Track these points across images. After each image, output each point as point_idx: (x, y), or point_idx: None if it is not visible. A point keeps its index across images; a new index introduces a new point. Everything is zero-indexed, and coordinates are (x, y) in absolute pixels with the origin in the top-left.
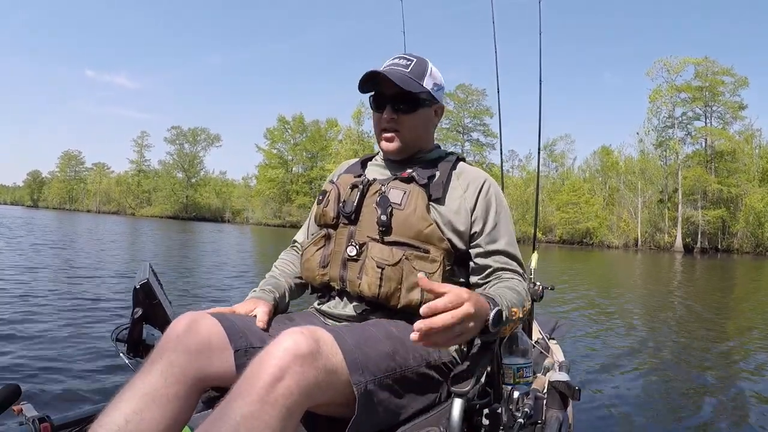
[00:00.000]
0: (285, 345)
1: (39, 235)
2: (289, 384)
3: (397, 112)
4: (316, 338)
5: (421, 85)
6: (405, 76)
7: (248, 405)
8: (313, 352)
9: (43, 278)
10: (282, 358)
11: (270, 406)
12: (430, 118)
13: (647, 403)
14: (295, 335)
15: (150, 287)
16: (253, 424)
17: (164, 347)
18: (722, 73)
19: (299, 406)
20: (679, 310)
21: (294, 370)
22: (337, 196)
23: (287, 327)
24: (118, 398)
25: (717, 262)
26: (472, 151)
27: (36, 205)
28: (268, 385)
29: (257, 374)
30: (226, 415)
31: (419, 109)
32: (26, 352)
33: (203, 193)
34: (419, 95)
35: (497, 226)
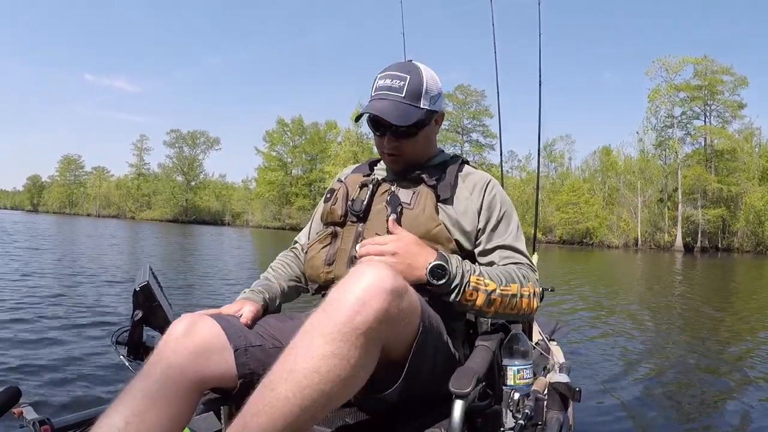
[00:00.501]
0: (368, 278)
1: (38, 239)
2: (370, 318)
3: (398, 138)
4: (401, 277)
5: (419, 108)
6: (401, 104)
7: (329, 343)
8: (399, 288)
9: (43, 281)
10: (366, 290)
11: (351, 343)
12: (431, 132)
13: (648, 404)
14: (379, 269)
15: (150, 289)
16: (334, 363)
17: (163, 349)
18: (721, 72)
19: (379, 342)
20: (680, 310)
21: (377, 302)
22: (345, 194)
23: (288, 325)
24: (118, 400)
25: (717, 261)
26: (471, 151)
27: (36, 210)
28: (348, 320)
29: (338, 307)
30: (308, 352)
31: (419, 132)
32: (26, 355)
33: (203, 196)
34: (418, 120)
35: (501, 223)
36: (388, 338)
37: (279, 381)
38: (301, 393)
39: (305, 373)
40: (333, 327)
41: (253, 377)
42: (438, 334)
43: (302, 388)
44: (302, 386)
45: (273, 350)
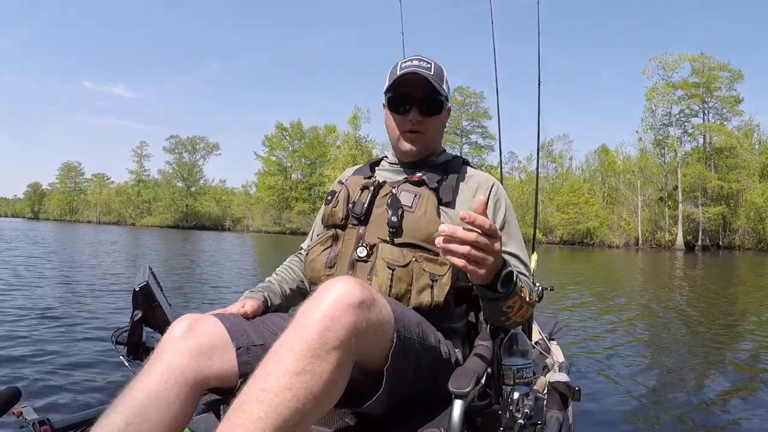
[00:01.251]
0: (336, 292)
1: (37, 246)
2: (341, 334)
3: (423, 114)
4: (369, 288)
5: (443, 87)
6: (433, 78)
7: (300, 359)
8: (366, 300)
9: (43, 283)
10: (333, 306)
11: (322, 359)
12: (445, 121)
13: (649, 403)
14: (346, 282)
15: (149, 290)
16: (306, 379)
17: (164, 349)
18: (718, 68)
19: (350, 356)
20: (681, 309)
21: (347, 318)
22: (346, 197)
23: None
24: (118, 401)
25: (719, 259)
26: (470, 153)
27: (37, 217)
28: (319, 336)
29: (307, 324)
30: (279, 369)
31: (442, 111)
32: (26, 355)
33: (203, 201)
34: (442, 98)
35: (505, 229)
36: (361, 351)
37: (251, 401)
38: (274, 411)
39: (277, 390)
40: (303, 344)
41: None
42: (420, 337)
43: (275, 407)
44: (275, 404)
45: None
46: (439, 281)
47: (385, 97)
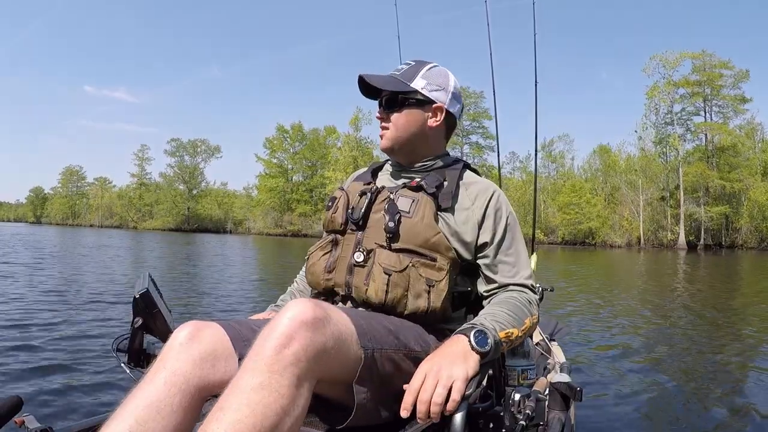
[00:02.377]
0: (290, 313)
1: (39, 250)
2: (297, 350)
3: (385, 110)
4: (324, 307)
5: (407, 84)
6: (390, 78)
7: (257, 375)
8: (320, 318)
9: (44, 290)
10: (288, 326)
11: (278, 374)
12: (422, 118)
13: (650, 403)
14: (300, 303)
15: (150, 296)
16: (263, 395)
17: (167, 356)
18: (720, 66)
19: (309, 373)
20: (683, 309)
21: (301, 335)
22: (345, 203)
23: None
24: (121, 409)
25: (721, 259)
26: (471, 153)
27: (39, 222)
28: (275, 353)
29: (264, 344)
30: (237, 388)
31: (404, 108)
32: (28, 364)
33: (205, 204)
34: (404, 94)
35: (505, 238)
36: (324, 368)
37: (212, 421)
38: (233, 428)
39: (236, 407)
40: (260, 362)
41: None
42: (397, 346)
43: (234, 423)
44: (234, 421)
45: None
46: (435, 286)
47: None
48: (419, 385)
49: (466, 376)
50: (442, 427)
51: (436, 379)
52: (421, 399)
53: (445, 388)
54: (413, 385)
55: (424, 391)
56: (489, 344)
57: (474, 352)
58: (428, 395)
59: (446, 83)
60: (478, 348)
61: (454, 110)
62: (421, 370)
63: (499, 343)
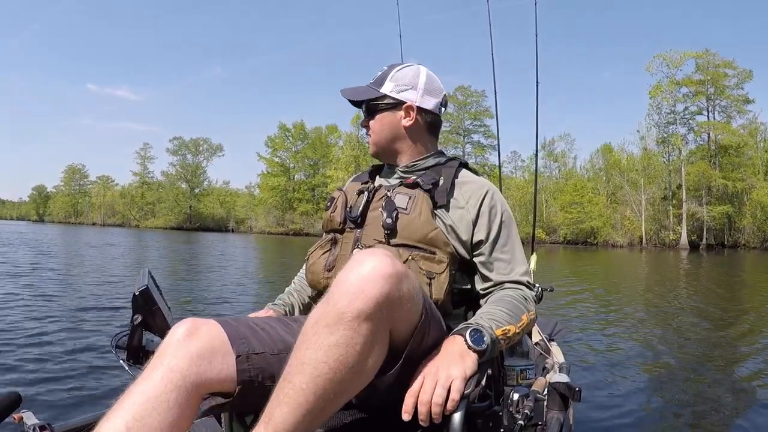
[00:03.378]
0: (368, 266)
1: (41, 248)
2: (371, 305)
3: (366, 119)
4: (400, 262)
5: (377, 90)
6: (364, 88)
7: (334, 332)
8: (399, 272)
9: (44, 287)
10: (366, 279)
11: (354, 331)
12: (395, 120)
13: (650, 403)
14: (377, 255)
15: (149, 293)
16: (340, 352)
17: (164, 352)
18: (724, 66)
19: (382, 326)
20: (684, 309)
21: (378, 289)
22: (344, 202)
23: (291, 328)
24: (118, 405)
25: (723, 259)
26: (473, 153)
27: (42, 220)
28: (351, 308)
29: (339, 297)
30: (315, 343)
31: (377, 113)
32: (26, 360)
33: (207, 203)
34: (375, 101)
35: (500, 236)
36: (393, 324)
37: (294, 373)
38: (314, 383)
39: (315, 364)
40: (335, 316)
41: (253, 384)
42: (439, 327)
43: (314, 378)
44: (314, 376)
45: (273, 357)
46: (436, 279)
47: None
48: (419, 387)
49: (464, 375)
50: (441, 427)
51: (435, 379)
52: (421, 400)
53: (444, 389)
54: (413, 387)
55: (424, 392)
56: (485, 342)
57: (471, 351)
58: (428, 396)
59: (415, 81)
60: (475, 346)
61: (430, 106)
62: (420, 373)
63: (496, 341)
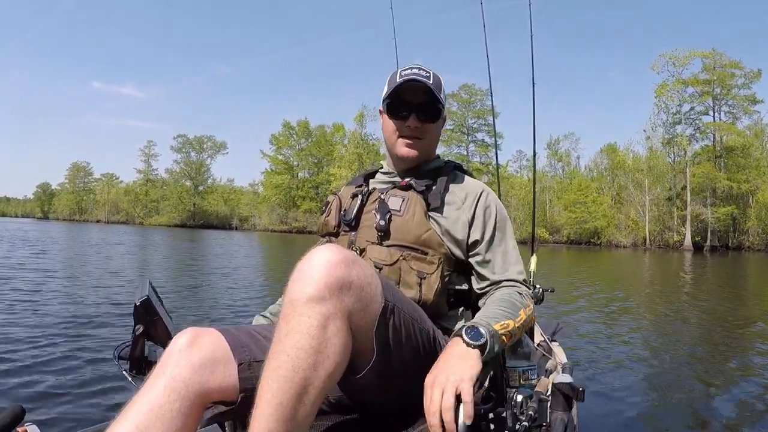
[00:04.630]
0: (318, 256)
1: (45, 248)
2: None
3: (421, 120)
4: (351, 252)
5: (441, 96)
6: (432, 86)
7: (287, 321)
8: (348, 259)
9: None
10: (315, 268)
11: (306, 316)
12: (440, 128)
13: (653, 403)
14: (327, 247)
15: (150, 303)
16: (295, 338)
17: (166, 362)
18: (731, 66)
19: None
20: (688, 310)
21: (327, 275)
22: (338, 206)
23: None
24: (122, 416)
25: (728, 260)
26: (477, 152)
27: (46, 217)
28: (300, 296)
29: (291, 287)
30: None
31: (439, 118)
32: (30, 373)
33: (211, 200)
34: (440, 106)
35: (495, 236)
36: (348, 308)
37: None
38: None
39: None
40: (288, 304)
41: (254, 392)
42: (413, 317)
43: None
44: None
45: None
46: (427, 279)
47: (384, 104)
48: (428, 401)
49: (470, 376)
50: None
51: (441, 388)
52: (428, 411)
53: (452, 394)
54: (424, 403)
55: (431, 402)
56: (484, 336)
57: (471, 349)
58: (436, 406)
59: (445, 93)
60: (473, 342)
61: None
62: (426, 386)
63: (495, 336)
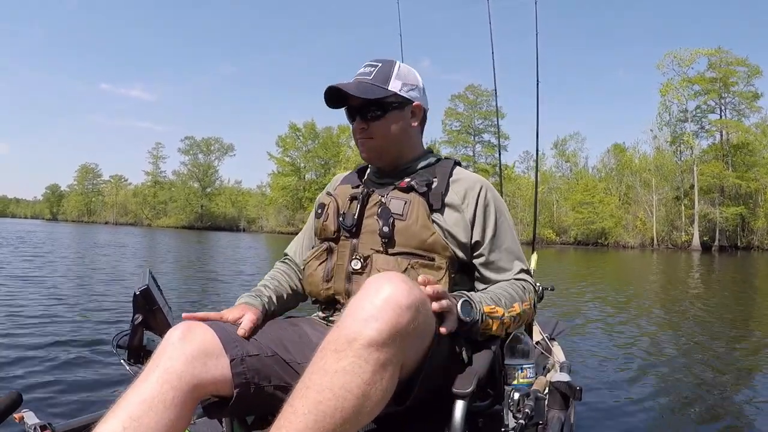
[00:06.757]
0: (384, 294)
1: (47, 248)
2: (383, 335)
3: (366, 120)
4: (419, 289)
5: (386, 89)
6: (366, 84)
7: (341, 359)
8: (416, 302)
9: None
10: (381, 308)
11: (363, 359)
12: (404, 120)
13: (651, 403)
14: (394, 282)
15: (149, 293)
16: (346, 379)
17: (160, 354)
18: (736, 63)
19: (394, 357)
20: (691, 311)
21: (393, 319)
22: (335, 209)
23: (288, 332)
24: (116, 405)
25: (736, 260)
26: (483, 152)
27: (55, 219)
28: (361, 336)
29: (351, 324)
30: (322, 368)
31: (387, 113)
32: (27, 360)
33: (218, 202)
34: (384, 100)
35: (497, 233)
36: (405, 355)
37: (297, 397)
38: (316, 409)
39: (318, 389)
40: (345, 342)
41: (249, 387)
42: (449, 339)
43: (316, 404)
44: (316, 402)
45: (269, 359)
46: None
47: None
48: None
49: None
50: (442, 425)
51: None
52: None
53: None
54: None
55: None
56: (472, 316)
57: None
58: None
59: (417, 80)
60: (462, 316)
61: (427, 106)
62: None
63: (482, 317)
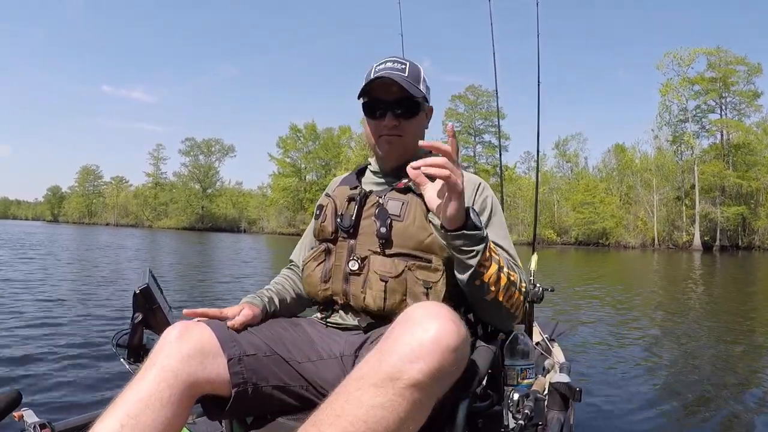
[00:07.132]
0: (431, 333)
1: (48, 248)
2: (425, 375)
3: (398, 117)
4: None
5: (419, 89)
6: (407, 80)
7: (380, 394)
8: (461, 343)
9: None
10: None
11: (401, 397)
12: (424, 122)
13: (650, 404)
14: (442, 321)
15: (149, 292)
16: (382, 414)
17: (158, 353)
18: (736, 62)
19: (433, 396)
20: (691, 311)
21: (438, 364)
22: (333, 210)
23: (289, 334)
24: (114, 403)
25: (737, 260)
26: (484, 153)
27: (56, 220)
28: (403, 374)
29: (393, 359)
30: (358, 400)
31: (419, 113)
32: (27, 359)
33: (219, 203)
34: (418, 99)
35: (492, 225)
36: (445, 390)
37: (326, 423)
38: None
39: (352, 420)
40: (386, 378)
41: (246, 386)
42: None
43: None
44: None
45: (267, 358)
46: (433, 288)
47: (361, 103)
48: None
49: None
50: (442, 426)
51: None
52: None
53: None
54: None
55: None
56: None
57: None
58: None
59: (427, 83)
60: (471, 216)
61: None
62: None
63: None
